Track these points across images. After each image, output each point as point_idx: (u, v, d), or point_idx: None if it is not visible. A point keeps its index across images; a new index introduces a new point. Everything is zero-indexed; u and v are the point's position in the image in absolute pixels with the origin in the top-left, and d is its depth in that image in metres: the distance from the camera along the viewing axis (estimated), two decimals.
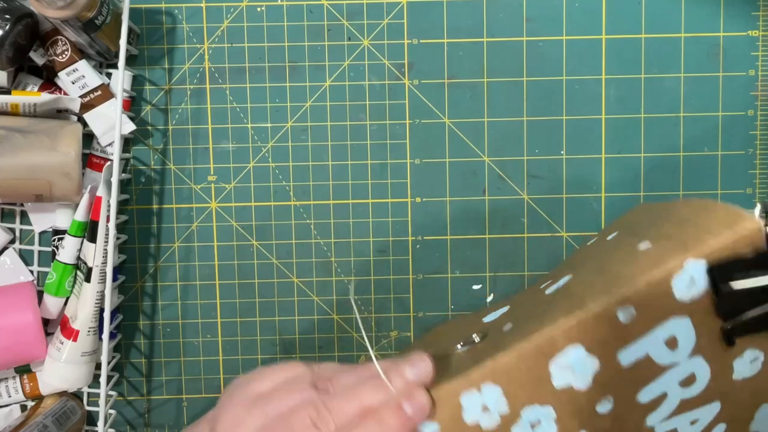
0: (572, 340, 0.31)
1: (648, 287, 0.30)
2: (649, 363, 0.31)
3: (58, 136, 0.41)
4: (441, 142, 0.46)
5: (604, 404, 0.31)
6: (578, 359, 0.30)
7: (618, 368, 0.31)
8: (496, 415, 0.31)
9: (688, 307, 0.30)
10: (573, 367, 0.31)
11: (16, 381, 0.45)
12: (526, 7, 0.46)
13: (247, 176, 0.46)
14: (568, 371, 0.31)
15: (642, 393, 0.31)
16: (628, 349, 0.31)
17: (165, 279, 0.47)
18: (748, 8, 0.46)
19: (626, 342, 0.31)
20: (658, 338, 0.31)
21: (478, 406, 0.31)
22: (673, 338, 0.31)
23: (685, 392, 0.31)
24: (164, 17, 0.45)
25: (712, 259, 0.30)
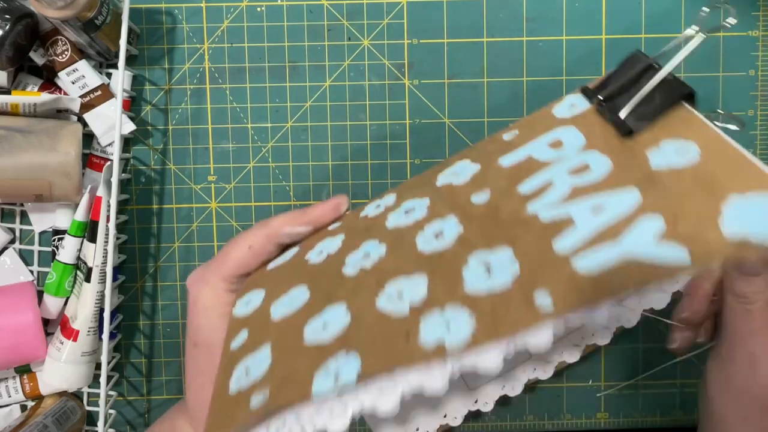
0: (461, 158, 0.35)
1: (531, 117, 0.35)
2: (530, 161, 0.32)
3: (58, 136, 0.41)
4: (441, 142, 0.46)
5: (479, 195, 0.31)
6: (461, 167, 0.34)
7: (498, 168, 0.33)
8: (381, 208, 0.35)
9: (572, 120, 0.33)
10: (456, 171, 0.34)
11: (16, 381, 0.45)
12: (526, 7, 0.46)
13: (247, 176, 0.46)
14: (450, 175, 0.34)
15: (523, 185, 0.30)
16: (509, 155, 0.33)
17: (165, 279, 0.47)
18: (748, 8, 0.46)
19: (507, 150, 0.33)
20: (541, 143, 0.33)
21: (373, 206, 0.36)
22: (557, 141, 0.32)
23: (576, 179, 0.29)
24: (164, 17, 0.45)
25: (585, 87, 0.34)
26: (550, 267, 0.25)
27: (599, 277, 0.23)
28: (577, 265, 0.24)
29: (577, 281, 0.23)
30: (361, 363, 0.24)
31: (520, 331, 0.22)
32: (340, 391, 0.23)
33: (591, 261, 0.24)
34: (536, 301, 0.23)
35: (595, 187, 0.28)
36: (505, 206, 0.30)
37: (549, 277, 0.24)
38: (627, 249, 0.24)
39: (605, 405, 0.48)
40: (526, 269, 0.25)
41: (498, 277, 0.25)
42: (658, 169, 0.27)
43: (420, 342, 0.23)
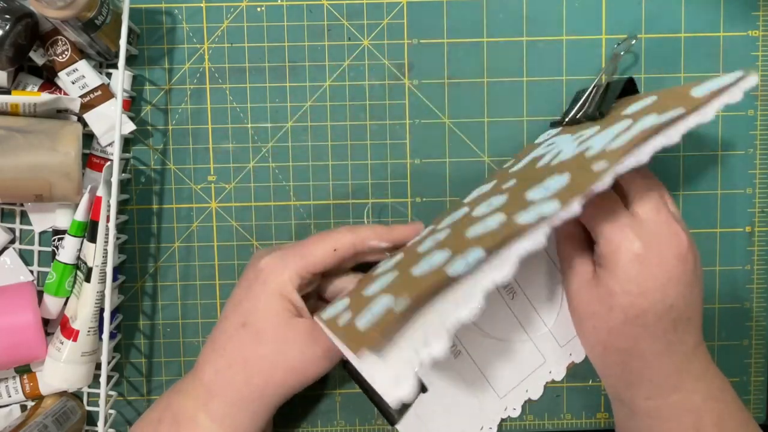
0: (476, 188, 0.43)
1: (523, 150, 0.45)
2: (536, 158, 0.40)
3: (58, 136, 0.41)
4: (441, 142, 0.46)
5: (508, 183, 0.38)
6: (480, 188, 0.42)
7: (512, 173, 0.40)
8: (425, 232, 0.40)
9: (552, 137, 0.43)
10: (477, 191, 0.42)
11: (16, 381, 0.45)
12: (526, 7, 0.46)
13: (247, 176, 0.46)
14: (474, 194, 0.42)
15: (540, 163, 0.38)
16: (516, 166, 0.41)
17: (165, 279, 0.47)
18: (748, 8, 0.46)
19: (514, 165, 0.42)
20: (539, 150, 0.41)
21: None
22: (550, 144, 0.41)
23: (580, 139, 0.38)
24: (164, 17, 0.45)
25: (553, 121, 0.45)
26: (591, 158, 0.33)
27: (629, 142, 0.32)
28: (608, 148, 0.33)
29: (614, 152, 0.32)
30: (483, 249, 0.30)
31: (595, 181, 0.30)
32: (472, 267, 0.29)
33: (618, 142, 0.32)
34: (594, 168, 0.32)
35: (596, 134, 0.36)
36: (536, 173, 0.37)
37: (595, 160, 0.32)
38: (639, 128, 0.33)
39: (605, 405, 0.48)
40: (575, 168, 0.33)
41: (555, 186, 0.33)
42: (635, 111, 0.36)
43: (520, 222, 0.30)
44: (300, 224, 0.47)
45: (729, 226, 0.47)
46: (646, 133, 0.32)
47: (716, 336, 0.47)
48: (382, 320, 0.30)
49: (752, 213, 0.47)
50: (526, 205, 0.32)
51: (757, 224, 0.47)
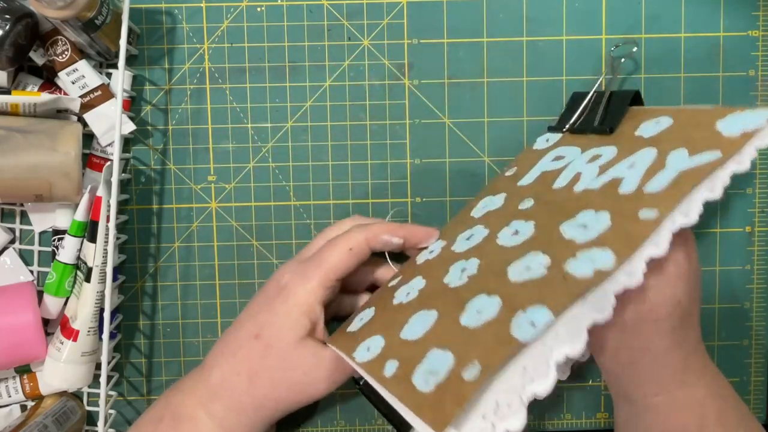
0: (480, 198, 0.42)
1: (518, 156, 0.44)
2: (547, 174, 0.39)
3: (58, 136, 0.41)
4: (441, 142, 0.46)
5: (524, 203, 0.38)
6: (488, 201, 0.41)
7: (521, 188, 0.40)
8: (438, 250, 0.39)
9: (555, 145, 0.42)
10: (485, 205, 0.41)
11: (16, 381, 0.45)
12: (526, 7, 0.46)
13: (247, 176, 0.46)
14: (483, 209, 0.41)
15: (555, 183, 0.37)
16: (523, 179, 0.40)
17: (165, 279, 0.47)
18: (748, 8, 0.46)
19: (521, 177, 0.41)
20: (545, 162, 0.41)
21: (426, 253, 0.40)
22: (557, 156, 0.40)
23: (597, 163, 0.37)
24: (164, 17, 0.45)
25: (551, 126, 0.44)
26: (631, 200, 0.32)
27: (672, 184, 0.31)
28: (650, 190, 0.31)
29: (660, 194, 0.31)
30: (547, 309, 0.28)
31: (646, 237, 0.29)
32: (540, 332, 0.28)
33: (657, 183, 0.31)
34: (641, 216, 0.30)
35: (617, 160, 0.35)
36: (555, 197, 0.36)
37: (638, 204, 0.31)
38: (675, 168, 0.32)
39: (605, 405, 0.48)
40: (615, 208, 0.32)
41: (595, 227, 0.31)
42: (651, 135, 0.36)
43: (578, 276, 0.29)
44: (300, 224, 0.47)
45: (729, 226, 0.47)
46: (690, 181, 0.30)
47: (716, 336, 0.47)
48: (450, 386, 0.29)
49: (752, 213, 0.47)
50: (570, 249, 0.31)
51: (757, 224, 0.47)
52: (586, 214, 0.32)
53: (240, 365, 0.37)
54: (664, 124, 0.36)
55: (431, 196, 0.47)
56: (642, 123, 0.37)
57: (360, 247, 0.38)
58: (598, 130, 0.40)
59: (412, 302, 0.35)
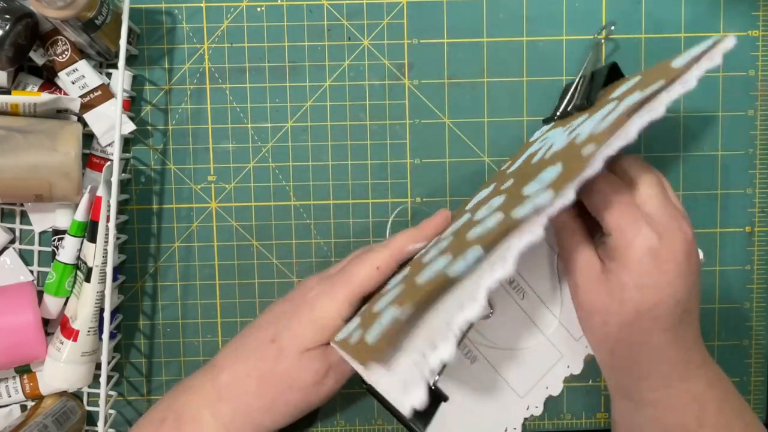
0: (476, 192, 0.43)
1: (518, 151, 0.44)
2: (531, 155, 0.40)
3: (58, 136, 0.41)
4: (441, 142, 0.46)
5: (506, 184, 0.38)
6: (480, 194, 0.41)
7: (509, 173, 0.40)
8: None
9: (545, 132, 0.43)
10: (477, 198, 0.41)
11: (16, 381, 0.45)
12: (526, 7, 0.46)
13: (247, 176, 0.46)
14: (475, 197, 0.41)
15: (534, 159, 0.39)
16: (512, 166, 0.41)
17: (165, 279, 0.47)
18: (748, 8, 0.46)
19: (510, 166, 0.42)
20: (533, 148, 0.41)
21: None
22: (544, 139, 0.41)
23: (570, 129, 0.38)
24: (164, 17, 0.45)
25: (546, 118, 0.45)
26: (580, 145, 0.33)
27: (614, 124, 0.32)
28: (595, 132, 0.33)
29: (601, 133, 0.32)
30: (482, 247, 0.30)
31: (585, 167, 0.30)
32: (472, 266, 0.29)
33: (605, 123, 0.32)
34: (583, 153, 0.31)
35: (585, 121, 0.37)
36: (530, 169, 0.37)
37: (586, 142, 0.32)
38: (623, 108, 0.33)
39: (605, 405, 0.48)
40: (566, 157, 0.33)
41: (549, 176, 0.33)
42: (620, 92, 0.36)
43: (516, 216, 0.31)
44: (300, 224, 0.47)
45: (729, 226, 0.47)
46: (630, 110, 0.31)
47: (716, 336, 0.47)
48: (389, 330, 0.30)
49: (752, 213, 0.47)
50: (522, 200, 0.32)
51: (757, 224, 0.47)
52: (546, 171, 0.34)
53: (252, 368, 0.37)
54: (633, 81, 0.37)
55: (431, 196, 0.47)
56: (618, 87, 0.38)
57: (387, 264, 0.38)
58: (580, 107, 0.40)
59: (394, 284, 0.36)
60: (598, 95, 0.39)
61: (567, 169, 0.32)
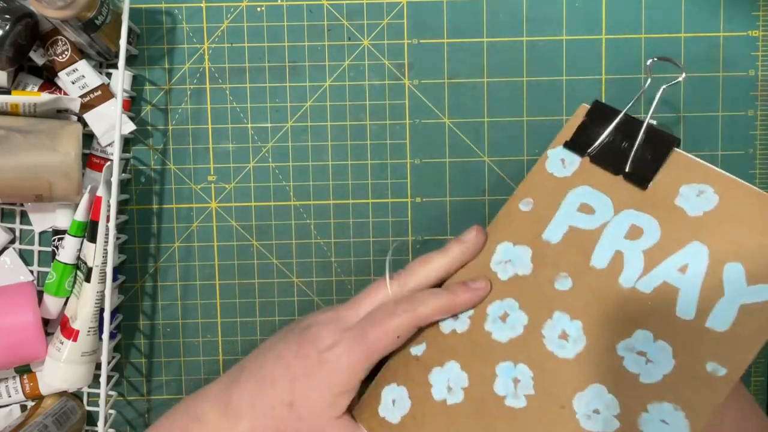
0: (498, 241, 0.38)
1: (530, 180, 0.39)
2: (578, 233, 0.36)
3: (58, 136, 0.41)
4: (441, 142, 0.46)
5: (561, 281, 0.35)
6: (508, 251, 0.38)
7: (550, 246, 0.36)
8: (465, 319, 0.37)
9: (576, 179, 0.37)
10: (507, 259, 0.37)
11: (16, 381, 0.45)
12: (526, 7, 0.46)
13: (247, 176, 0.46)
14: (505, 264, 0.37)
15: (593, 259, 0.35)
16: (548, 228, 0.37)
17: (165, 279, 0.47)
18: (748, 8, 0.46)
19: (543, 224, 0.37)
20: (569, 210, 0.37)
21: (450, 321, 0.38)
22: (583, 205, 0.36)
23: (640, 244, 0.34)
24: (164, 17, 0.45)
25: (564, 140, 0.39)
26: (693, 335, 0.31)
27: (737, 329, 0.30)
28: (713, 326, 0.31)
29: (725, 340, 0.30)
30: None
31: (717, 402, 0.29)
32: None
33: (720, 319, 0.31)
34: (708, 371, 0.30)
35: (661, 249, 0.33)
36: (597, 285, 0.34)
37: (703, 348, 0.30)
38: (734, 299, 0.31)
39: None
40: (677, 343, 0.31)
41: (658, 362, 0.31)
42: (696, 215, 0.33)
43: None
44: (300, 224, 0.47)
45: None
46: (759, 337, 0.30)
47: None
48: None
49: None
50: (638, 395, 0.31)
51: None
52: (643, 338, 0.32)
53: (272, 428, 0.36)
54: (708, 201, 0.34)
55: (431, 196, 0.47)
56: (681, 186, 0.35)
57: (409, 332, 0.37)
58: (629, 177, 0.36)
59: (461, 408, 0.35)
60: (652, 177, 0.35)
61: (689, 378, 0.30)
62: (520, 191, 0.39)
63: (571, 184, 0.37)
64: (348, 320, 0.38)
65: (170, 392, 0.48)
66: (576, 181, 0.37)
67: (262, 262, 0.47)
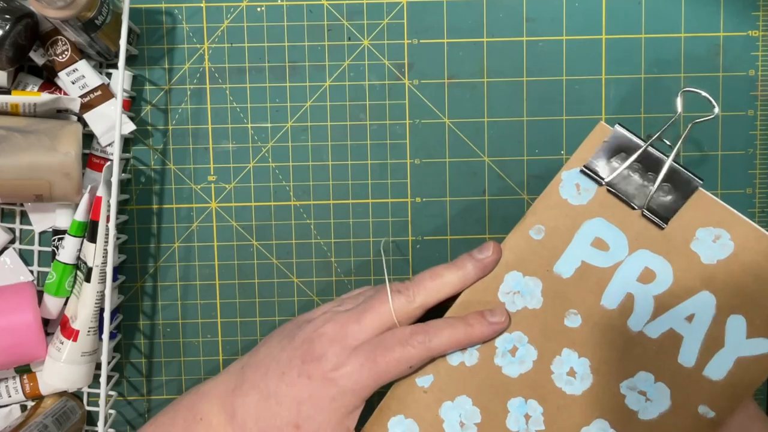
0: (507, 269, 0.37)
1: (543, 204, 0.37)
2: (590, 269, 0.36)
3: (58, 136, 0.41)
4: (441, 142, 0.46)
5: (571, 318, 0.35)
6: (518, 282, 0.36)
7: (561, 281, 0.36)
8: (474, 351, 0.37)
9: (593, 209, 0.36)
10: (516, 290, 0.36)
11: (16, 381, 0.45)
12: (526, 7, 0.46)
13: (247, 176, 0.46)
14: (516, 296, 0.37)
15: (604, 299, 0.35)
16: (560, 261, 0.36)
17: (165, 279, 0.47)
18: (748, 8, 0.46)
19: (555, 256, 0.36)
20: (582, 243, 0.36)
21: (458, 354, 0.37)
22: (597, 240, 0.36)
23: (651, 288, 0.35)
24: (164, 17, 0.45)
25: (581, 161, 0.37)
26: (690, 380, 0.34)
27: (730, 379, 0.33)
28: (709, 375, 0.34)
29: (718, 388, 0.33)
30: None
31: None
32: None
33: (717, 368, 0.34)
34: (700, 413, 0.33)
35: (672, 295, 0.35)
36: (606, 325, 0.35)
37: (698, 393, 0.34)
38: (732, 351, 0.33)
39: None
40: (674, 386, 0.34)
41: (655, 401, 0.34)
42: (710, 264, 0.34)
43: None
44: (300, 224, 0.47)
45: None
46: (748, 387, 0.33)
47: None
48: None
49: (752, 213, 0.47)
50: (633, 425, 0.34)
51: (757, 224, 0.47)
52: (645, 379, 0.34)
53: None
54: (723, 248, 0.35)
55: (431, 196, 0.47)
56: (698, 230, 0.35)
57: (421, 363, 0.36)
58: (648, 216, 0.35)
59: None
60: (670, 218, 0.35)
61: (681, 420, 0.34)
62: (532, 216, 0.37)
63: (586, 214, 0.36)
64: (354, 337, 0.36)
65: (170, 392, 0.48)
66: (591, 212, 0.36)
67: (262, 262, 0.47)
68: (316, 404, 0.35)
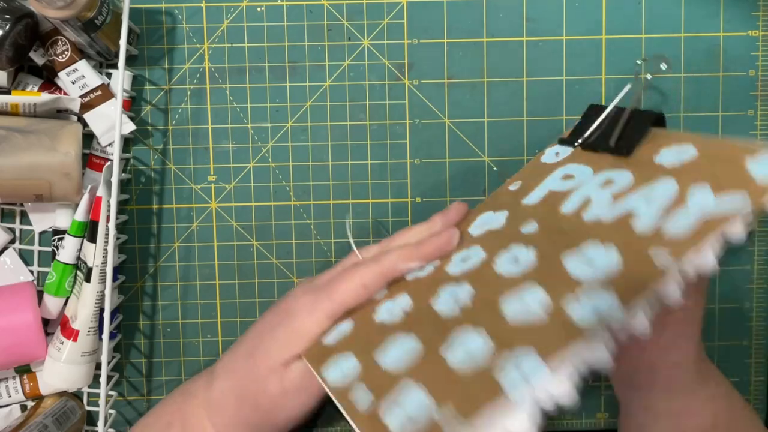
0: (480, 212, 0.39)
1: (526, 168, 0.41)
2: (553, 193, 0.37)
3: (58, 136, 0.41)
4: (441, 142, 0.46)
5: (527, 226, 0.35)
6: (487, 217, 0.38)
7: (525, 206, 0.37)
8: (429, 267, 0.37)
9: (566, 160, 0.39)
10: (484, 222, 0.38)
11: (16, 381, 0.45)
12: (526, 7, 0.46)
13: (247, 176, 0.46)
14: (482, 226, 0.38)
15: (563, 206, 0.35)
16: (528, 196, 0.38)
17: (165, 279, 0.47)
18: (748, 8, 0.46)
19: (526, 193, 0.38)
20: (553, 180, 0.38)
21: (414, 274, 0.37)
22: (567, 174, 0.37)
23: (610, 190, 0.34)
24: (164, 17, 0.45)
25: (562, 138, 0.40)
26: (646, 239, 0.29)
27: (692, 232, 0.28)
28: (668, 230, 0.29)
29: (676, 237, 0.29)
30: (536, 353, 0.27)
31: (655, 286, 0.27)
32: (527, 378, 0.26)
33: (677, 225, 0.29)
34: (654, 259, 0.28)
35: (633, 189, 0.33)
36: (562, 223, 0.34)
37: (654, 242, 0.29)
38: (697, 210, 0.29)
39: (605, 405, 0.48)
40: (626, 245, 0.30)
41: (602, 263, 0.30)
42: (672, 165, 0.33)
43: (575, 318, 0.27)
44: (300, 224, 0.47)
45: None
46: (711, 227, 0.28)
47: (716, 336, 0.47)
48: None
49: None
50: (571, 285, 0.29)
51: (756, 224, 0.47)
52: (592, 246, 0.31)
53: (233, 384, 0.37)
54: (687, 153, 0.33)
55: (431, 196, 0.47)
56: (662, 149, 0.34)
57: (375, 282, 0.36)
58: (614, 151, 0.36)
59: (395, 324, 0.34)
60: (635, 147, 0.36)
61: (631, 270, 0.28)
62: (513, 177, 0.41)
63: (560, 165, 0.39)
64: (322, 281, 0.38)
65: (170, 392, 0.47)
66: (565, 162, 0.39)
67: (262, 262, 0.47)
68: (272, 333, 0.36)
